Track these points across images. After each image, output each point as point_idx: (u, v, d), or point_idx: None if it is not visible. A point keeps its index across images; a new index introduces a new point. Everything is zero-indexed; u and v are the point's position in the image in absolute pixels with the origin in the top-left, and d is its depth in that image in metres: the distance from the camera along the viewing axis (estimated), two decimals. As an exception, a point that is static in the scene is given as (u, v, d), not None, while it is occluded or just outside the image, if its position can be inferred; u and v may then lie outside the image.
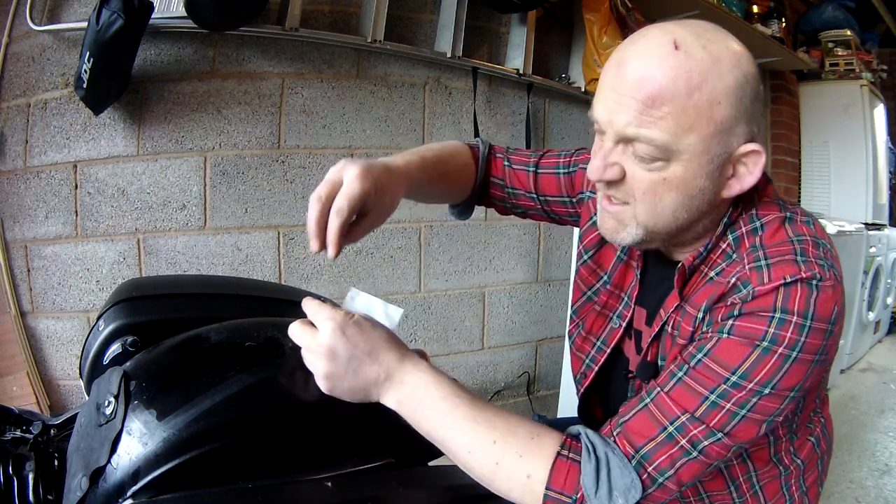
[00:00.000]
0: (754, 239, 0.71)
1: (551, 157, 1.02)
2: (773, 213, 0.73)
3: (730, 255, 0.73)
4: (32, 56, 1.63)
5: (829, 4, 3.94)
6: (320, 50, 1.94)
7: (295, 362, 0.67)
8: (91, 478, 0.58)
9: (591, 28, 2.36)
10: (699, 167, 0.68)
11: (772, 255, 0.68)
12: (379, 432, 0.73)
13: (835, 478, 2.16)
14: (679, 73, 0.64)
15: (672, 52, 0.65)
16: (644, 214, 0.71)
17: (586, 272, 0.94)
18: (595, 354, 0.90)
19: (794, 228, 0.71)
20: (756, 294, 0.65)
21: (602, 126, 0.70)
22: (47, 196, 1.67)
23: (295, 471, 0.63)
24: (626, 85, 0.66)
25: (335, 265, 2.03)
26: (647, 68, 0.65)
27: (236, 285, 1.02)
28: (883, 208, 4.03)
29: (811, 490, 0.84)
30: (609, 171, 0.70)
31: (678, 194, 0.69)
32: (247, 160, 1.87)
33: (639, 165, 0.68)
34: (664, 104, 0.64)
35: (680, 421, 0.64)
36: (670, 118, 0.65)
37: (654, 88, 0.64)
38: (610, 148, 0.70)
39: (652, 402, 0.67)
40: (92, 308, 1.73)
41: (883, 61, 4.24)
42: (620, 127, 0.67)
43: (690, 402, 0.65)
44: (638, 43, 0.68)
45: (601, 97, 0.70)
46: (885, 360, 3.73)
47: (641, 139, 0.66)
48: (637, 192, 0.70)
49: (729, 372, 0.64)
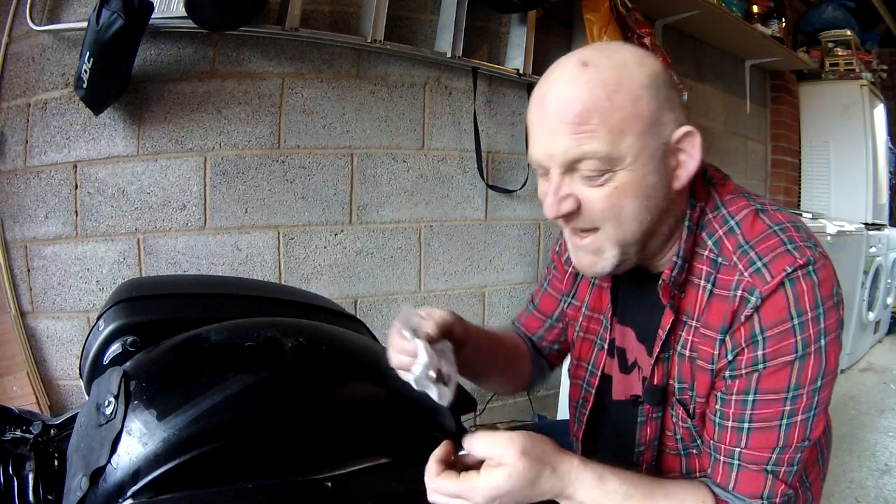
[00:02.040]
0: (735, 238, 0.72)
1: (538, 287, 1.07)
2: (743, 207, 0.74)
3: (715, 259, 0.73)
4: (32, 56, 1.63)
5: (829, 4, 3.94)
6: (320, 50, 1.94)
7: (295, 362, 0.67)
8: (91, 478, 0.58)
9: (591, 28, 2.36)
10: (643, 166, 0.69)
11: (763, 251, 0.69)
12: (379, 432, 0.73)
13: (835, 478, 2.16)
14: (594, 85, 0.67)
15: (581, 70, 0.68)
16: (615, 231, 0.72)
17: (573, 311, 0.97)
18: (589, 378, 0.92)
19: (769, 217, 0.73)
20: (764, 295, 0.67)
21: (543, 163, 0.72)
22: (47, 196, 1.67)
23: (295, 471, 0.63)
24: (551, 116, 0.69)
25: (335, 265, 2.03)
26: (565, 91, 0.68)
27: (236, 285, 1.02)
28: (883, 208, 4.03)
29: (814, 486, 0.85)
30: (564, 204, 0.71)
31: (634, 199, 0.70)
32: (247, 160, 1.87)
33: (589, 186, 0.70)
34: (591, 117, 0.67)
35: (773, 459, 0.69)
36: (602, 128, 0.67)
37: (578, 106, 0.67)
38: (558, 181, 0.71)
39: (742, 462, 0.70)
40: (92, 308, 1.73)
41: (883, 61, 4.24)
42: (561, 154, 0.69)
43: (769, 440, 0.69)
44: (550, 76, 0.72)
45: (534, 140, 0.72)
46: (885, 360, 3.72)
47: (586, 156, 0.68)
48: (597, 213, 0.71)
49: (784, 393, 0.67)
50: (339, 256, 2.03)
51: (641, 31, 2.46)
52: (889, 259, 3.86)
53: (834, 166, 3.96)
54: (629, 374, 0.86)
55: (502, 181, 2.36)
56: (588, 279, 0.93)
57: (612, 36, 2.36)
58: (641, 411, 0.82)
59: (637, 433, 0.83)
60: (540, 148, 0.71)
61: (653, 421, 0.81)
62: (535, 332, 1.05)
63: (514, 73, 2.28)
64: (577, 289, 0.96)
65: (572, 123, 0.67)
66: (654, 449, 0.82)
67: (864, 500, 2.08)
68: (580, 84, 0.68)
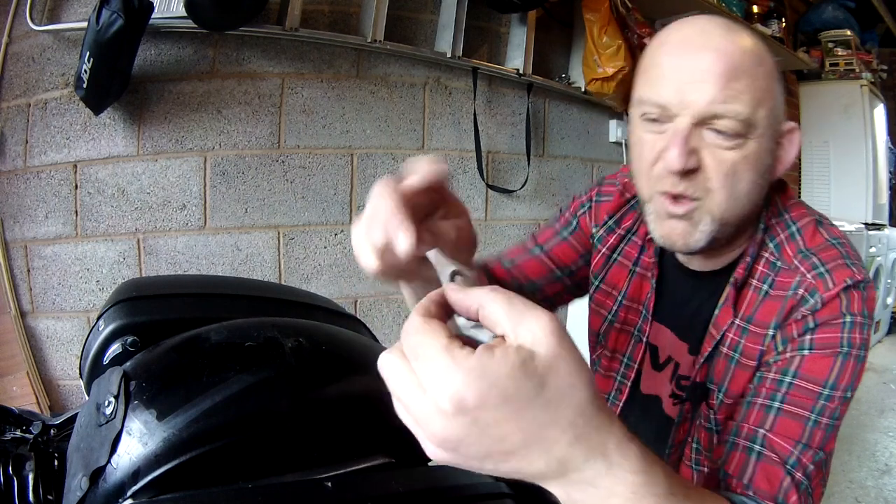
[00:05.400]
0: (796, 244, 0.72)
1: (545, 230, 0.97)
2: (805, 216, 0.74)
3: (774, 263, 0.73)
4: (32, 56, 1.63)
5: (829, 4, 3.94)
6: (320, 50, 1.94)
7: (295, 362, 0.67)
8: (91, 478, 0.58)
9: (591, 28, 2.36)
10: (766, 142, 0.67)
11: (825, 259, 0.69)
12: (379, 432, 0.73)
13: (835, 478, 2.16)
14: (745, 49, 0.65)
15: (729, 30, 0.66)
16: (722, 203, 0.67)
17: (602, 297, 0.91)
18: (625, 370, 0.89)
19: (827, 231, 0.73)
20: (825, 301, 0.67)
21: (672, 108, 0.66)
22: (47, 196, 1.67)
23: (295, 471, 0.63)
24: (698, 63, 0.64)
25: (335, 265, 2.03)
26: (716, 43, 0.64)
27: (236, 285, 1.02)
28: (883, 208, 4.03)
29: (816, 491, 0.85)
30: (691, 158, 0.65)
31: (753, 174, 0.67)
32: (247, 160, 1.87)
33: (718, 147, 0.65)
34: (741, 77, 0.64)
35: (794, 456, 0.64)
36: (748, 91, 0.64)
37: (730, 62, 0.63)
38: (686, 132, 0.65)
39: (764, 448, 0.65)
40: (92, 308, 1.73)
41: (883, 61, 4.24)
42: (704, 105, 0.64)
43: (796, 429, 0.65)
44: (693, 25, 0.67)
45: (663, 81, 0.66)
46: (885, 360, 3.73)
47: (727, 114, 0.64)
48: (716, 179, 0.66)
49: (821, 386, 0.65)
50: (339, 256, 2.03)
51: (641, 31, 2.46)
52: (889, 259, 3.86)
53: (834, 166, 3.96)
54: (660, 372, 0.84)
55: (502, 181, 2.36)
56: (625, 267, 0.87)
57: (611, 36, 2.36)
58: (682, 410, 0.80)
59: (672, 433, 0.81)
60: (673, 92, 0.65)
61: (687, 421, 0.80)
62: (534, 279, 0.93)
63: (514, 73, 2.28)
64: (608, 273, 0.90)
65: (722, 77, 0.63)
66: (679, 452, 0.81)
67: (864, 500, 2.08)
68: (731, 42, 0.64)
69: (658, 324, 0.84)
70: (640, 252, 0.87)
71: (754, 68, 0.65)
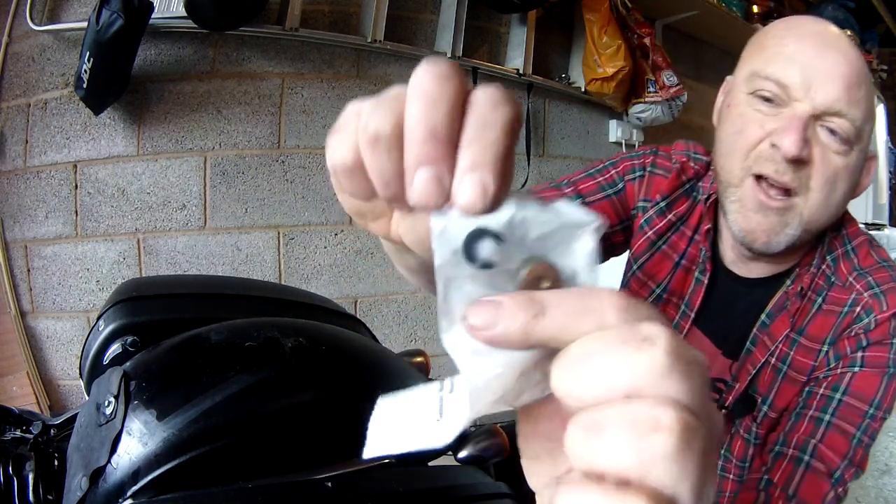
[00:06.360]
0: (850, 262, 0.72)
1: (584, 179, 0.86)
2: (859, 234, 0.74)
3: (829, 277, 0.72)
4: (32, 56, 1.63)
5: (829, 4, 3.93)
6: (320, 50, 1.94)
7: (295, 362, 0.67)
8: (91, 478, 0.58)
9: (591, 28, 2.36)
10: (861, 160, 0.67)
11: (879, 280, 0.69)
12: (379, 432, 0.73)
13: (835, 478, 2.16)
14: (864, 64, 0.64)
15: (848, 40, 0.64)
16: (815, 207, 0.65)
17: (636, 285, 0.85)
18: None
19: (877, 253, 0.73)
20: (878, 322, 0.67)
21: (796, 93, 0.63)
22: (47, 196, 1.67)
23: (295, 471, 0.63)
24: (830, 59, 0.62)
25: (335, 265, 2.03)
26: (847, 49, 0.63)
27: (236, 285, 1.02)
28: (883, 208, 4.03)
29: None
30: (805, 148, 0.63)
31: (847, 186, 0.66)
32: (247, 160, 1.87)
33: (828, 147, 0.63)
34: (862, 86, 0.63)
35: (840, 471, 0.64)
36: (865, 102, 0.63)
37: (857, 70, 0.62)
38: (806, 120, 0.62)
39: (813, 459, 0.65)
40: (92, 308, 1.73)
41: (883, 61, 4.24)
42: (829, 100, 0.62)
43: (843, 445, 0.65)
44: (816, 24, 0.66)
45: (794, 63, 0.63)
46: (885, 360, 3.72)
47: (847, 117, 0.62)
48: (817, 178, 0.64)
49: (867, 405, 0.65)
50: (339, 256, 2.03)
51: (641, 31, 2.46)
52: (889, 259, 3.86)
53: (834, 166, 3.96)
54: None
55: (502, 181, 2.36)
56: (670, 258, 0.81)
57: (611, 36, 2.36)
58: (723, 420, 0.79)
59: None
60: (800, 77, 0.62)
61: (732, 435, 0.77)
62: None
63: (514, 73, 2.28)
64: (650, 261, 0.83)
65: (849, 80, 0.62)
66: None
67: (864, 500, 2.08)
68: (856, 54, 0.63)
69: (695, 328, 0.81)
70: (688, 244, 0.81)
71: (869, 85, 0.64)
